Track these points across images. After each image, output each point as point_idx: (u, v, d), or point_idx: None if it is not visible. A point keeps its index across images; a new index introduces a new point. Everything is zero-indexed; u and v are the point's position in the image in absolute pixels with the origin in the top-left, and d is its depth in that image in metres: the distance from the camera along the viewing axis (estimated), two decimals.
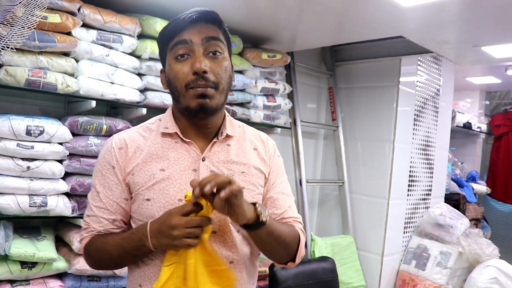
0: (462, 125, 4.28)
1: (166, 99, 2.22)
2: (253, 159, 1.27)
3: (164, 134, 1.22)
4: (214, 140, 1.23)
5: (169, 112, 1.27)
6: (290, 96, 2.95)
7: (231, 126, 1.28)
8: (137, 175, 1.18)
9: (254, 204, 1.12)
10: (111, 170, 1.20)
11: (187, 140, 1.21)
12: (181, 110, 1.20)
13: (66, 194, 1.93)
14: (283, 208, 1.28)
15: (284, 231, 1.20)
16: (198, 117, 1.18)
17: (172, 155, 1.19)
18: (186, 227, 1.03)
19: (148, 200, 1.16)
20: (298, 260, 1.28)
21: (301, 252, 1.28)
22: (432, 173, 3.46)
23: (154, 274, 1.16)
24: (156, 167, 1.17)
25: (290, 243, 1.24)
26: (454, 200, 3.92)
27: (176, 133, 1.21)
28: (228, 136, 1.25)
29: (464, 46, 2.68)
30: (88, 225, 1.23)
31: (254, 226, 1.10)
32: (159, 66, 2.18)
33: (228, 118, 1.28)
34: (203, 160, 1.19)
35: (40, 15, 1.65)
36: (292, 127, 2.99)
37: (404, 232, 3.24)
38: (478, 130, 4.69)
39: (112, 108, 2.30)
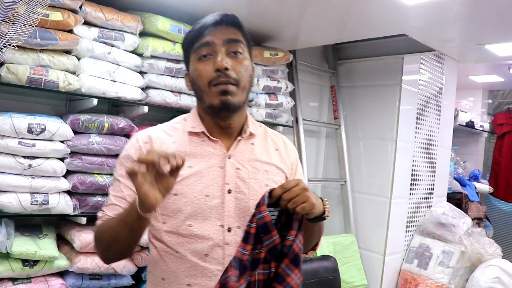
0: (464, 123, 4.27)
1: (167, 97, 2.21)
2: (275, 159, 1.35)
3: (191, 133, 1.27)
4: (239, 138, 1.29)
5: (194, 112, 1.32)
6: (292, 94, 2.95)
7: (253, 125, 1.35)
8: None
9: (322, 199, 1.21)
10: (133, 163, 1.20)
11: (214, 138, 1.26)
12: (205, 109, 1.26)
13: (68, 192, 1.93)
14: None
15: (322, 223, 1.31)
16: (221, 116, 1.24)
17: (200, 153, 1.25)
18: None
19: (175, 194, 1.20)
20: (317, 249, 1.41)
21: (320, 242, 1.41)
22: (434, 172, 3.45)
23: (178, 267, 1.20)
24: (185, 164, 1.18)
25: (321, 234, 1.37)
26: (456, 199, 3.91)
27: (203, 132, 1.26)
28: (251, 135, 1.32)
29: (467, 44, 2.67)
30: (104, 214, 1.25)
31: (317, 219, 1.19)
32: (160, 64, 2.17)
33: (250, 118, 1.35)
34: (229, 158, 1.25)
35: (41, 13, 1.65)
36: (294, 126, 2.99)
37: (406, 231, 3.23)
38: (481, 129, 4.67)
39: (114, 106, 2.29)
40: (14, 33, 1.58)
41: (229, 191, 1.23)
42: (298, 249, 1.14)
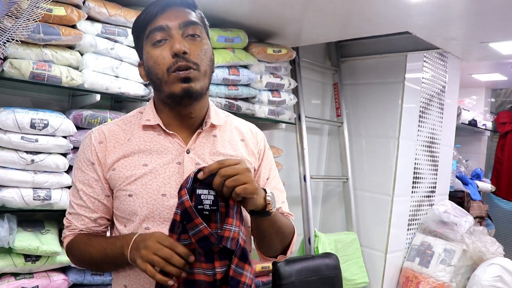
0: (467, 122, 4.26)
1: None
2: (241, 150, 1.22)
3: (146, 127, 1.18)
4: (199, 130, 1.18)
5: (150, 104, 1.22)
6: (295, 91, 2.94)
7: (216, 115, 1.23)
8: (118, 171, 1.13)
9: (265, 190, 1.07)
10: (90, 166, 1.16)
11: (170, 132, 1.16)
12: (164, 99, 1.15)
13: (70, 187, 1.93)
14: (278, 204, 1.23)
15: (284, 223, 1.18)
16: (183, 104, 1.13)
17: (155, 149, 1.15)
18: (156, 253, 0.98)
19: (130, 195, 1.12)
20: (289, 254, 1.25)
21: (293, 246, 1.25)
22: (436, 170, 3.45)
23: (139, 273, 1.13)
24: (139, 162, 1.13)
25: (287, 237, 1.22)
26: (458, 198, 3.91)
27: (158, 125, 1.17)
28: (213, 126, 1.21)
29: (471, 42, 2.66)
30: (70, 223, 1.19)
31: (260, 214, 1.06)
32: None
33: (213, 107, 1.24)
34: (187, 153, 1.15)
35: (45, 8, 1.64)
36: (296, 123, 2.98)
37: (408, 229, 3.23)
38: (483, 127, 4.67)
39: (117, 102, 2.29)
40: (17, 27, 1.58)
41: None
42: (244, 242, 1.01)
